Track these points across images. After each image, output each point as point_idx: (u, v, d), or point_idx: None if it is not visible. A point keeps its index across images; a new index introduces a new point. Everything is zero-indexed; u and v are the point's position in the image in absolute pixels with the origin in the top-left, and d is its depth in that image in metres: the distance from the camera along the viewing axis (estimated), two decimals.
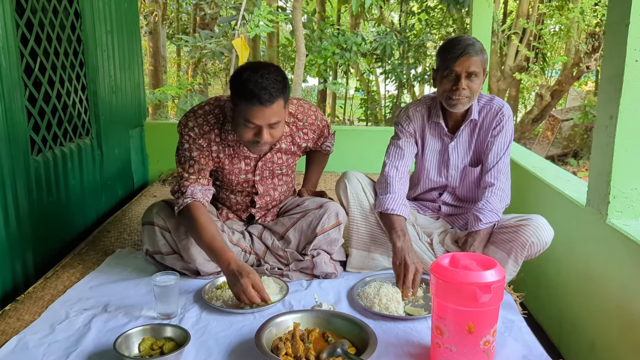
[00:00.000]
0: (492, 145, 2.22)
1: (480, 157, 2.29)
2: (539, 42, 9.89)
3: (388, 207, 2.16)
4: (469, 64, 2.08)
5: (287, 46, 13.03)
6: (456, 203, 2.37)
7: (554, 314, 2.51)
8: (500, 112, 2.23)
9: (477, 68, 2.09)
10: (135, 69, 3.85)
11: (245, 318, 1.87)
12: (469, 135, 2.28)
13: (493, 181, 2.20)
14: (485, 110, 2.25)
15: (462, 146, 2.29)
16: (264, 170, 2.26)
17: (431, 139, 2.31)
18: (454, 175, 2.31)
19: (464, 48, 2.08)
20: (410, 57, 11.79)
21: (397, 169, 2.27)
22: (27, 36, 2.39)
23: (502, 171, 2.22)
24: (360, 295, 2.02)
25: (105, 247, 2.60)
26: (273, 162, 2.25)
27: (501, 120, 2.22)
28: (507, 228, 2.10)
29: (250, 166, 2.23)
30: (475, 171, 2.29)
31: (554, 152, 10.02)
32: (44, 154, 2.54)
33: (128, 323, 1.83)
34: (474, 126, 2.26)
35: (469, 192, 2.34)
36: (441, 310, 1.51)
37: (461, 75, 2.09)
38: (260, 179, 2.27)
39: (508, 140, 2.24)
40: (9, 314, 1.92)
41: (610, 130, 1.99)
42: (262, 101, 1.87)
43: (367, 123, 13.27)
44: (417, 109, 2.32)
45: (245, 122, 1.94)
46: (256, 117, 1.91)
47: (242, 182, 2.26)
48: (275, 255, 2.27)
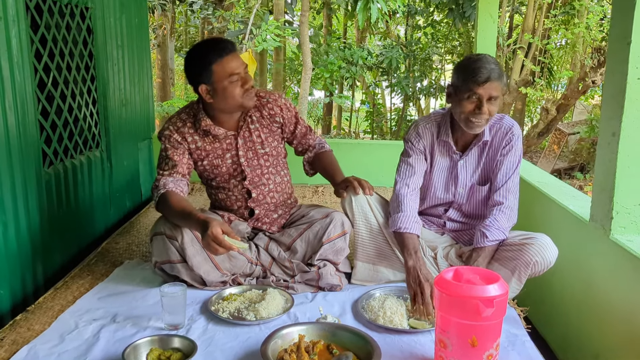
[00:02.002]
0: (502, 165, 2.23)
1: (488, 175, 2.29)
2: (544, 57, 9.93)
3: (400, 226, 2.17)
4: (492, 88, 2.07)
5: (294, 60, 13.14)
6: (462, 219, 2.39)
7: (558, 328, 2.52)
8: (510, 131, 2.23)
9: (498, 92, 2.09)
10: (144, 82, 3.91)
11: (251, 329, 1.89)
12: (479, 154, 2.28)
13: (502, 200, 2.20)
14: (495, 129, 2.26)
15: (470, 164, 2.29)
16: (247, 150, 2.32)
17: (440, 157, 2.32)
18: (462, 192, 2.33)
19: (489, 72, 2.05)
20: (416, 70, 11.87)
21: (409, 186, 2.29)
22: (40, 52, 2.45)
23: (511, 190, 2.22)
24: (365, 308, 2.04)
25: (113, 258, 2.64)
26: (253, 140, 2.32)
27: (511, 140, 2.23)
28: (512, 246, 2.11)
29: (232, 145, 2.31)
30: (483, 189, 2.30)
31: (560, 165, 10.03)
32: (55, 166, 2.58)
33: (136, 333, 1.86)
34: (483, 145, 2.27)
35: (475, 209, 2.35)
36: (445, 324, 1.53)
37: (483, 99, 2.07)
38: (245, 160, 2.33)
39: (517, 159, 2.24)
40: (20, 324, 1.95)
41: (613, 147, 2.01)
42: (229, 49, 2.13)
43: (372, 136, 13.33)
44: (427, 126, 2.32)
45: (229, 78, 2.13)
46: (234, 64, 2.13)
47: (230, 167, 2.33)
48: (281, 266, 2.30)
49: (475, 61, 2.09)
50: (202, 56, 2.14)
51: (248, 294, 2.15)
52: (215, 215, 2.35)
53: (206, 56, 2.12)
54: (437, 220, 2.42)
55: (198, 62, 2.15)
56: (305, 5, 8.15)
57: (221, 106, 2.21)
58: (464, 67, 2.12)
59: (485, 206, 2.31)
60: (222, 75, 2.12)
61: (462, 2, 9.61)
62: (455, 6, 9.83)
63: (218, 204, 2.44)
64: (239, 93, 2.15)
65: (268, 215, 2.43)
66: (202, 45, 2.18)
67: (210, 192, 2.47)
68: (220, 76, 2.12)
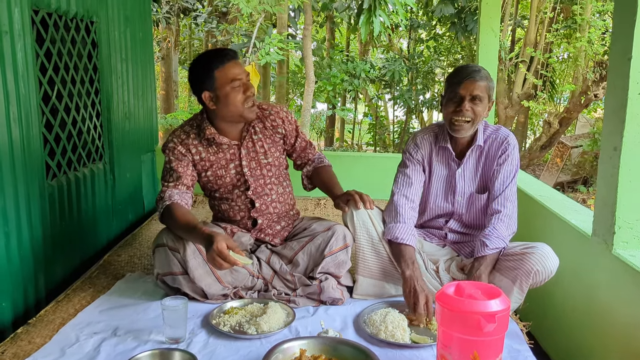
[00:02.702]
0: (499, 174, 2.27)
1: (486, 184, 2.32)
2: (546, 70, 9.97)
3: (397, 235, 2.19)
4: (473, 87, 2.15)
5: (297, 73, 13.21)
6: (463, 230, 2.39)
7: (560, 343, 2.50)
8: (505, 141, 2.28)
9: (482, 93, 2.16)
10: (148, 95, 3.94)
11: (252, 344, 1.89)
12: (476, 162, 2.32)
13: (500, 208, 2.23)
14: (491, 139, 2.30)
15: (468, 173, 2.33)
16: (250, 161, 2.34)
17: (438, 166, 2.35)
18: (461, 201, 2.34)
19: (469, 73, 2.17)
20: (419, 83, 11.93)
21: (407, 197, 2.30)
22: (45, 65, 2.47)
23: (509, 199, 2.25)
24: (367, 322, 2.03)
25: (115, 271, 2.64)
26: (256, 150, 2.35)
27: (506, 149, 2.27)
28: (513, 256, 2.11)
29: (235, 155, 2.33)
30: (482, 198, 2.32)
31: (563, 178, 10.02)
32: (59, 178, 2.59)
33: (137, 347, 1.86)
34: (479, 153, 2.30)
35: (475, 219, 2.36)
36: (446, 339, 1.53)
37: (465, 98, 2.16)
38: (249, 170, 2.34)
39: (514, 168, 2.27)
40: (21, 337, 1.95)
41: (615, 162, 2.01)
42: (230, 56, 2.18)
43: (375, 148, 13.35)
44: (425, 136, 2.38)
45: (231, 84, 2.17)
46: (236, 71, 2.17)
47: (233, 178, 2.34)
48: (283, 279, 2.30)
49: (460, 66, 2.26)
50: (205, 63, 2.18)
51: (249, 307, 2.14)
52: (218, 228, 2.35)
53: (209, 63, 2.17)
54: (439, 232, 2.43)
55: (201, 69, 2.19)
56: (308, 18, 8.22)
57: (224, 113, 2.23)
58: (450, 74, 2.28)
59: (485, 215, 2.33)
60: (224, 80, 2.16)
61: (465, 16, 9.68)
62: (458, 20, 9.90)
63: (221, 215, 2.45)
64: (240, 99, 2.18)
65: (271, 227, 2.43)
66: (205, 54, 2.23)
67: (213, 204, 2.47)
68: (222, 82, 2.16)
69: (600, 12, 9.31)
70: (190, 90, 2.32)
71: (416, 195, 2.34)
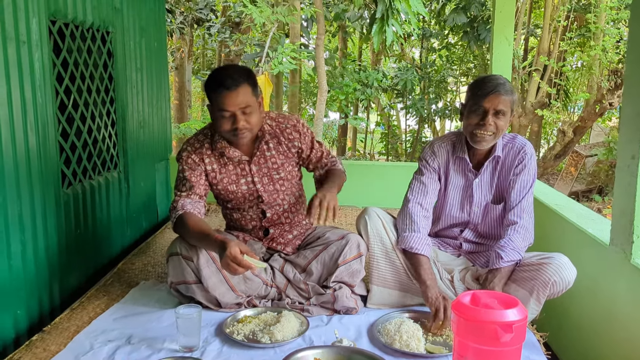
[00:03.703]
0: (515, 184, 2.23)
1: (502, 194, 2.29)
2: (560, 79, 9.91)
3: (412, 245, 2.18)
4: (498, 101, 2.11)
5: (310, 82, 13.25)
6: (478, 240, 2.37)
7: (578, 354, 2.46)
8: (522, 150, 2.25)
9: (505, 107, 2.13)
10: (162, 104, 3.97)
11: (265, 352, 1.88)
12: (492, 172, 2.29)
13: (516, 219, 2.19)
14: (507, 148, 2.28)
15: (485, 183, 2.30)
16: (262, 177, 2.33)
17: (455, 175, 2.33)
18: (477, 212, 2.32)
19: (494, 86, 2.12)
20: (431, 92, 11.91)
21: (422, 205, 2.28)
22: (62, 74, 2.51)
23: (526, 210, 2.21)
24: (381, 332, 2.01)
25: (129, 279, 2.65)
26: (268, 167, 2.33)
27: (523, 159, 2.24)
28: (529, 266, 2.09)
29: (245, 171, 2.31)
30: (498, 209, 2.29)
31: (577, 188, 9.92)
32: (74, 187, 2.62)
33: (151, 355, 1.86)
34: (496, 163, 2.28)
35: (491, 229, 2.33)
36: (462, 349, 1.50)
37: (489, 112, 2.12)
38: (261, 186, 2.33)
39: (531, 178, 2.24)
40: (36, 344, 1.96)
41: (633, 170, 1.98)
42: (227, 86, 2.08)
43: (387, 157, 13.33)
44: (442, 144, 2.35)
45: (220, 112, 2.13)
46: (226, 103, 2.10)
47: (245, 192, 2.34)
48: (297, 288, 2.29)
49: (485, 77, 2.19)
50: (209, 80, 2.18)
51: (263, 316, 2.14)
52: (230, 236, 2.35)
53: (210, 82, 2.16)
54: (453, 242, 2.40)
55: (207, 84, 2.19)
56: (321, 28, 8.25)
57: (217, 129, 2.24)
58: (474, 83, 2.22)
59: (500, 226, 2.30)
60: (215, 106, 2.15)
61: (477, 25, 9.67)
62: (470, 29, 9.89)
63: (233, 223, 2.45)
64: (225, 128, 2.16)
65: (283, 236, 2.43)
66: (215, 70, 2.21)
67: (226, 213, 2.48)
68: (215, 106, 2.16)
69: (614, 20, 9.24)
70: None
71: (430, 205, 2.32)
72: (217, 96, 2.11)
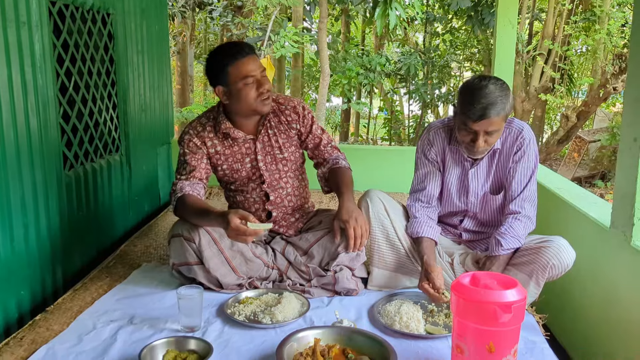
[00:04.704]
0: (515, 172, 2.17)
1: (501, 184, 2.24)
2: (564, 63, 9.84)
3: (412, 231, 2.25)
4: (488, 124, 1.98)
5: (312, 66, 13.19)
6: (478, 229, 2.35)
7: (578, 337, 2.48)
8: (520, 135, 2.17)
9: (497, 126, 2.01)
10: (164, 88, 3.96)
11: (266, 333, 1.90)
12: (489, 163, 2.23)
13: (518, 209, 2.16)
14: (504, 134, 2.18)
15: (482, 173, 2.25)
16: (266, 155, 2.33)
17: (452, 163, 2.29)
18: (474, 202, 2.29)
19: (484, 109, 1.95)
20: (435, 77, 11.83)
21: (421, 200, 2.31)
22: (63, 56, 2.50)
23: (528, 199, 2.17)
24: (381, 313, 2.02)
25: (132, 261, 2.66)
26: (272, 145, 2.33)
27: (522, 145, 2.16)
28: (528, 250, 2.08)
29: (250, 149, 2.32)
30: (497, 199, 2.25)
31: (580, 173, 9.89)
32: (76, 169, 2.62)
33: (153, 335, 1.87)
34: (493, 153, 2.22)
35: (491, 217, 2.31)
36: (461, 329, 1.51)
37: (479, 134, 2.02)
38: (264, 165, 2.33)
39: (532, 165, 2.18)
40: (39, 324, 1.98)
41: (634, 152, 1.98)
42: (244, 54, 2.14)
43: (390, 142, 13.30)
44: (439, 131, 2.29)
45: (243, 80, 2.14)
46: (249, 69, 2.14)
47: (249, 171, 2.34)
48: (298, 270, 2.30)
49: (474, 91, 1.99)
50: (219, 58, 2.18)
51: (264, 297, 2.15)
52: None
53: (222, 58, 2.16)
54: (454, 231, 2.40)
55: (215, 64, 2.19)
56: (323, 12, 8.19)
57: (236, 109, 2.23)
58: (463, 95, 2.03)
59: (501, 214, 2.27)
60: (237, 77, 2.14)
61: (481, 9, 9.57)
62: (474, 13, 9.78)
63: (236, 206, 2.46)
64: (253, 96, 2.16)
65: (285, 219, 2.43)
66: (220, 48, 2.22)
67: (229, 195, 2.48)
68: (235, 78, 2.15)
69: (619, 3, 9.15)
70: (208, 82, 2.31)
71: (431, 197, 2.31)
72: (238, 65, 2.13)
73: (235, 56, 2.14)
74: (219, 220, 1.99)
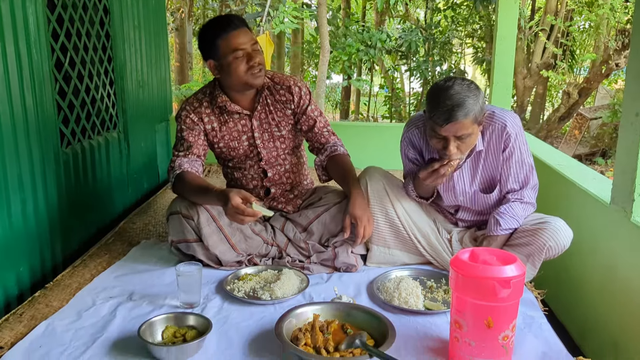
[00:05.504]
0: (509, 169, 2.10)
1: (492, 182, 2.17)
2: (567, 39, 9.73)
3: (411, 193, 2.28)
4: (456, 129, 1.88)
5: (312, 42, 13.05)
6: (474, 217, 2.31)
7: (576, 312, 2.49)
8: (504, 132, 2.04)
9: (467, 130, 1.90)
10: (161, 64, 3.92)
11: (265, 309, 1.90)
12: (473, 163, 2.15)
13: (519, 197, 2.12)
14: (488, 132, 2.07)
15: (466, 174, 2.17)
16: (263, 132, 2.31)
17: None
18: (463, 200, 2.23)
19: (449, 112, 1.84)
20: (436, 54, 11.71)
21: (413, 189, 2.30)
22: (57, 31, 2.46)
23: (528, 186, 2.13)
24: (380, 289, 2.03)
25: (130, 238, 2.66)
26: (269, 122, 2.31)
27: (509, 141, 2.05)
28: (525, 232, 2.07)
29: (247, 127, 2.30)
30: (489, 197, 2.19)
31: (581, 151, 9.86)
32: (73, 146, 2.60)
33: (152, 311, 1.87)
34: (478, 153, 2.11)
35: (486, 209, 2.25)
36: (460, 305, 1.51)
37: (449, 140, 1.93)
38: (261, 142, 2.32)
39: (525, 156, 2.10)
40: (38, 300, 1.98)
41: (636, 127, 1.96)
42: (234, 26, 2.12)
43: (391, 120, 13.22)
44: (414, 132, 2.20)
45: (233, 54, 2.12)
46: (239, 41, 2.12)
47: (247, 149, 2.33)
48: (297, 247, 2.30)
49: (439, 94, 1.89)
50: (210, 32, 2.16)
51: (263, 274, 2.15)
52: None
53: (213, 32, 2.14)
54: (450, 217, 2.38)
55: (206, 38, 2.17)
56: None
57: (229, 83, 2.21)
58: (429, 98, 1.94)
59: (497, 206, 2.18)
60: (227, 50, 2.12)
61: None
62: None
63: (234, 183, 2.45)
64: (243, 69, 2.14)
65: (284, 195, 2.42)
66: (211, 22, 2.19)
67: (227, 172, 2.47)
68: (225, 51, 2.13)
69: None
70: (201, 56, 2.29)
71: None
72: (228, 38, 2.11)
73: (225, 29, 2.12)
74: (219, 197, 1.98)
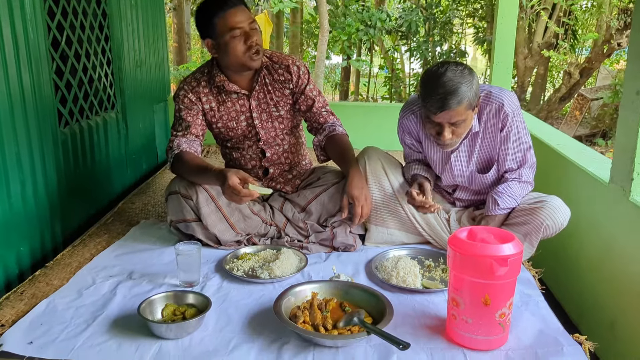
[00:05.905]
0: (507, 149, 2.10)
1: (488, 163, 2.18)
2: (569, 18, 9.64)
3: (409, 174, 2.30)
4: (450, 116, 1.89)
5: (311, 22, 12.94)
6: (471, 197, 2.32)
7: (573, 291, 2.50)
8: (502, 111, 2.04)
9: (461, 116, 1.90)
10: (159, 44, 3.88)
11: (264, 287, 1.91)
12: (470, 144, 2.14)
13: (517, 176, 2.13)
14: (485, 112, 2.07)
15: (463, 155, 2.18)
16: (261, 112, 2.30)
17: (430, 147, 2.22)
18: (461, 180, 2.24)
19: (442, 100, 1.84)
20: (436, 34, 11.61)
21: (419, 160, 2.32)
22: (54, 9, 2.43)
23: (526, 165, 2.14)
24: (379, 268, 2.04)
25: (130, 218, 2.67)
26: (267, 102, 2.29)
27: (506, 121, 2.05)
28: (522, 211, 2.07)
29: (245, 107, 2.29)
30: (486, 177, 2.19)
31: (582, 132, 9.85)
32: (71, 126, 2.59)
33: (152, 290, 1.88)
34: (475, 134, 2.11)
35: (484, 187, 2.26)
36: (458, 283, 1.52)
37: (444, 126, 1.94)
38: (259, 122, 2.31)
39: (523, 135, 2.09)
40: (39, 279, 1.99)
41: (636, 106, 1.95)
42: (231, 4, 2.09)
43: (390, 101, 13.16)
44: (410, 117, 2.20)
45: (231, 33, 2.09)
46: (237, 20, 2.08)
47: (245, 129, 2.32)
48: (296, 227, 2.30)
49: (432, 81, 1.88)
50: (207, 10, 2.12)
51: (262, 253, 2.16)
52: None
53: (210, 10, 2.11)
54: (447, 197, 2.38)
55: (203, 16, 2.14)
56: None
57: (226, 62, 2.19)
58: (422, 85, 1.94)
59: (495, 185, 2.20)
60: (224, 29, 2.10)
61: None
62: None
63: (232, 163, 2.44)
64: (241, 49, 2.11)
65: (283, 175, 2.42)
66: (208, 0, 2.15)
67: (225, 152, 2.47)
68: (222, 30, 2.10)
69: None
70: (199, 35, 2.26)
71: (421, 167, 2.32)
72: (225, 17, 2.08)
73: (222, 7, 2.08)
74: (217, 177, 1.98)
